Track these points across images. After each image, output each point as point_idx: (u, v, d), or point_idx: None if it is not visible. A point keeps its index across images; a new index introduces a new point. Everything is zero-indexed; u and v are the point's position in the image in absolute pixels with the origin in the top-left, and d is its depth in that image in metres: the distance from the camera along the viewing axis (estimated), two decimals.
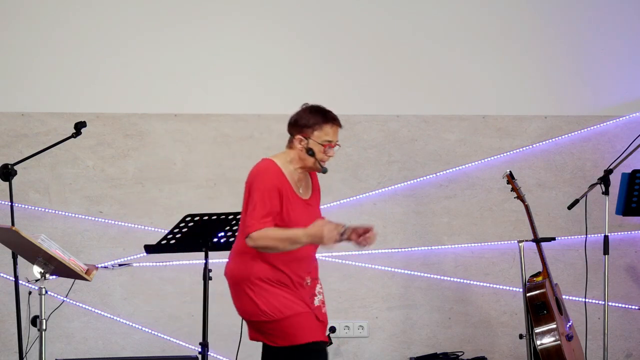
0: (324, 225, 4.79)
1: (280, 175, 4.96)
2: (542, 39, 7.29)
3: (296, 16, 7.13)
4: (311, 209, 5.05)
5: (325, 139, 4.98)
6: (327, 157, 5.00)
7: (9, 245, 5.52)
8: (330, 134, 4.99)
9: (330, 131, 4.99)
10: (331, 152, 4.99)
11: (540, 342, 6.18)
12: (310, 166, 5.03)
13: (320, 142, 4.98)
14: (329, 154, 5.00)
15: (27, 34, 6.96)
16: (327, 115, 5.03)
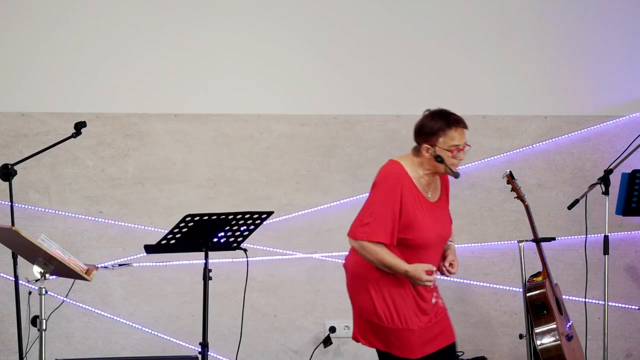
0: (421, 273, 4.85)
1: (404, 176, 4.96)
2: (542, 39, 7.29)
3: (296, 16, 7.13)
4: (438, 211, 5.02)
5: (452, 144, 4.94)
6: (457, 160, 4.96)
7: (9, 245, 5.52)
8: (456, 137, 4.95)
9: (456, 135, 4.95)
10: (461, 156, 4.94)
11: (540, 342, 6.18)
12: (442, 172, 5.00)
13: (447, 148, 4.93)
14: (458, 158, 4.95)
15: (27, 34, 6.96)
16: (449, 119, 4.98)
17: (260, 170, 7.08)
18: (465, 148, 4.97)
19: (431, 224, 4.96)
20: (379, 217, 4.88)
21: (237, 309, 6.70)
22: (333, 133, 7.15)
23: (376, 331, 5.06)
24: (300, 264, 7.09)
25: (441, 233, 5.03)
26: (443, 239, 5.06)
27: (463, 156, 4.97)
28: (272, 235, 6.98)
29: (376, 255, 4.88)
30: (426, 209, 4.97)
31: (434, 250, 5.02)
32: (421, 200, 4.96)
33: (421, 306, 5.01)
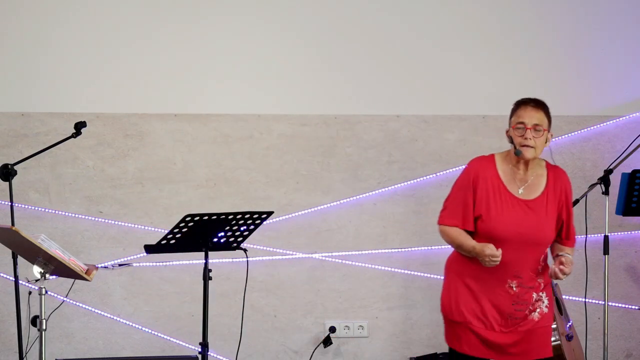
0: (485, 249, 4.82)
1: (485, 167, 4.97)
2: (542, 39, 7.28)
3: (296, 17, 7.13)
4: (529, 209, 4.93)
5: (517, 122, 4.96)
6: (523, 138, 4.91)
7: (9, 245, 5.52)
8: (521, 115, 4.95)
9: (523, 113, 4.96)
10: (527, 134, 4.89)
11: None
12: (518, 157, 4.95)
13: (515, 127, 4.97)
14: (525, 136, 4.90)
15: (27, 34, 6.95)
16: (519, 100, 5.02)
17: (260, 170, 7.08)
18: (532, 128, 4.90)
19: (510, 219, 4.90)
20: (451, 202, 5.03)
21: (237, 309, 6.70)
22: (333, 133, 7.15)
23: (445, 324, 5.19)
24: (300, 264, 7.09)
25: (523, 232, 4.91)
26: (528, 239, 4.92)
27: (529, 135, 4.90)
28: (272, 235, 6.98)
29: (450, 236, 5.03)
30: (508, 202, 4.92)
31: (515, 248, 4.90)
32: (503, 192, 4.94)
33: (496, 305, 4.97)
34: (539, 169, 5.00)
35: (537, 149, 4.93)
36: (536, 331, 4.99)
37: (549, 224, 4.95)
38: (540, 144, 4.93)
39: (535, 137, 4.91)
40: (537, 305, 4.98)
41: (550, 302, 5.05)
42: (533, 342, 5.00)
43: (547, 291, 5.03)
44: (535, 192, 4.94)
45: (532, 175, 4.97)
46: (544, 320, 5.01)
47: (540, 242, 4.95)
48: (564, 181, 5.00)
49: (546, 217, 4.93)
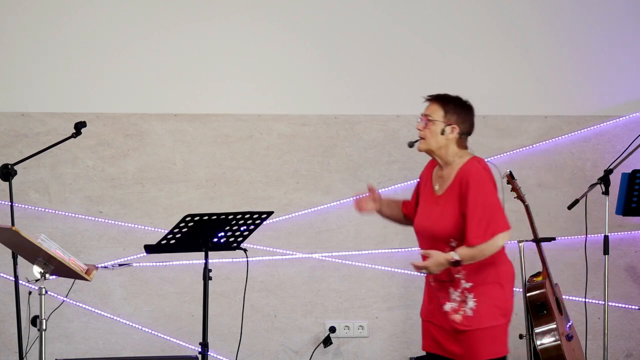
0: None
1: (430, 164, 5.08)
2: (542, 39, 7.29)
3: (296, 17, 7.13)
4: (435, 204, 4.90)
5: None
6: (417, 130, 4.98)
7: (9, 245, 5.52)
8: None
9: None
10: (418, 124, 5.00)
11: (540, 342, 6.18)
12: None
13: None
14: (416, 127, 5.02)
15: (27, 34, 6.96)
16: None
17: (260, 170, 7.08)
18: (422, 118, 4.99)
19: (421, 215, 4.96)
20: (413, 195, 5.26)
21: (237, 309, 6.70)
22: (333, 133, 7.15)
23: None
24: (300, 264, 7.09)
25: (425, 225, 4.93)
26: (427, 234, 4.91)
27: (419, 125, 4.98)
28: (272, 235, 6.98)
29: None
30: (427, 198, 4.98)
31: (425, 242, 4.96)
32: (427, 188, 5.01)
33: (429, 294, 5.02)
34: (456, 165, 4.91)
35: (427, 140, 4.93)
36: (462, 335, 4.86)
37: (446, 219, 4.84)
38: (430, 135, 4.92)
39: (424, 128, 4.92)
40: (461, 306, 4.86)
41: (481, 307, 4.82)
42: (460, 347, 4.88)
43: (476, 293, 4.84)
44: (443, 189, 4.92)
45: (446, 170, 4.94)
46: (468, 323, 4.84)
47: (436, 237, 4.87)
48: (464, 174, 4.82)
49: (443, 212, 4.85)
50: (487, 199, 4.79)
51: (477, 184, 4.78)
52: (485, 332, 4.84)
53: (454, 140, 4.90)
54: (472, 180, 4.78)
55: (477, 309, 4.83)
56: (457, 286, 4.87)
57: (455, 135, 4.89)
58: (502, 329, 4.88)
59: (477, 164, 4.85)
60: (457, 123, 4.91)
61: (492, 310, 4.85)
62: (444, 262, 4.76)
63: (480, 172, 4.81)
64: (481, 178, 4.80)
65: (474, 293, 4.85)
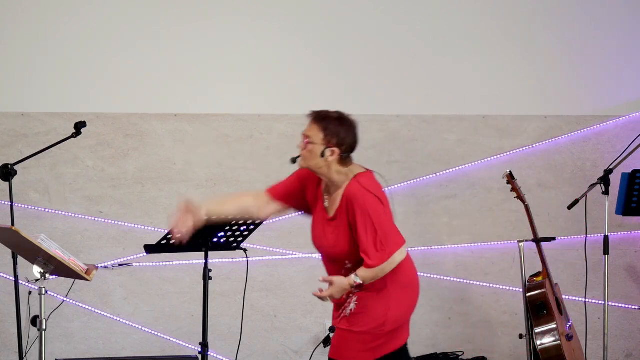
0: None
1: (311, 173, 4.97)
2: (542, 39, 7.29)
3: (296, 17, 7.13)
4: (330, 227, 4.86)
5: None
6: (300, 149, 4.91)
7: (9, 245, 5.52)
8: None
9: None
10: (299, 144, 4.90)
11: (540, 342, 6.18)
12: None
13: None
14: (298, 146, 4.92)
15: (27, 34, 6.96)
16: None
17: (260, 170, 7.07)
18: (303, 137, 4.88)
19: (315, 229, 4.90)
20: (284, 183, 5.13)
21: (237, 309, 6.70)
22: None
23: None
24: (300, 264, 7.09)
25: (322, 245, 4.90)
26: (330, 255, 4.90)
27: (300, 144, 4.88)
28: (272, 235, 6.98)
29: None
30: (318, 214, 4.90)
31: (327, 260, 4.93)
32: (319, 203, 4.92)
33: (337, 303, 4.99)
34: (341, 184, 4.84)
35: (306, 160, 4.86)
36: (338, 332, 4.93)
37: (340, 243, 4.82)
38: (310, 156, 4.84)
39: (303, 148, 4.87)
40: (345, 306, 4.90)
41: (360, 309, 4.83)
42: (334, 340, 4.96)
43: (360, 297, 4.83)
44: (333, 209, 4.86)
45: (333, 189, 4.87)
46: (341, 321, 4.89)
47: (333, 259, 4.90)
48: (349, 199, 4.75)
49: (336, 236, 4.83)
50: (375, 221, 4.74)
51: (363, 208, 4.73)
52: (352, 335, 4.86)
53: (336, 161, 4.83)
54: (357, 206, 4.74)
55: (354, 312, 4.86)
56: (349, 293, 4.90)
57: (335, 157, 4.82)
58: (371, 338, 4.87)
59: (358, 186, 4.79)
60: (337, 145, 4.81)
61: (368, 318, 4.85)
62: (347, 287, 4.77)
63: (364, 195, 4.76)
64: (365, 201, 4.75)
65: (358, 297, 4.85)
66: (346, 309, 4.88)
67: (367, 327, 4.84)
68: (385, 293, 4.85)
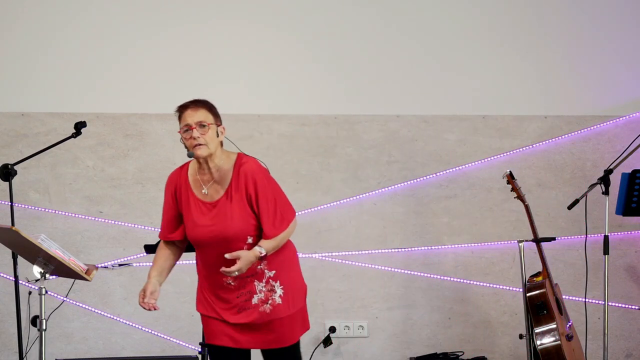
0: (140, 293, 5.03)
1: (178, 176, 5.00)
2: (542, 39, 7.29)
3: (296, 17, 7.13)
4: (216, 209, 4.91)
5: (182, 126, 4.93)
6: (191, 139, 4.89)
7: (9, 245, 5.51)
8: (184, 119, 4.93)
9: (184, 116, 4.93)
10: (193, 134, 4.88)
11: (540, 342, 6.18)
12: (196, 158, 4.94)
13: (182, 132, 4.94)
14: (191, 136, 4.89)
15: (27, 34, 6.96)
16: (179, 106, 5.00)
17: None
18: (196, 127, 4.89)
19: (199, 223, 4.92)
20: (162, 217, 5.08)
21: None
22: (333, 133, 7.15)
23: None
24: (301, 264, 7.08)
25: (213, 234, 4.90)
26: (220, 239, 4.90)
27: (195, 134, 4.88)
28: None
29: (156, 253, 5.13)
30: (197, 207, 4.94)
31: (215, 248, 4.91)
32: (192, 198, 4.96)
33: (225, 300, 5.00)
34: (226, 165, 4.96)
35: (208, 145, 4.92)
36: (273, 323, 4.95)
37: (233, 222, 4.88)
38: (210, 139, 4.92)
39: (203, 134, 4.91)
40: (269, 296, 4.94)
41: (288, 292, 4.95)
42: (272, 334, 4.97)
43: (281, 281, 4.95)
44: (219, 192, 4.93)
45: (217, 173, 4.95)
46: (277, 312, 4.94)
47: (230, 238, 4.90)
48: (247, 174, 4.90)
49: (231, 215, 4.88)
50: (275, 193, 4.95)
51: (263, 181, 4.91)
52: (293, 317, 4.98)
53: (220, 142, 4.99)
54: (258, 178, 4.90)
55: (285, 295, 4.95)
56: (262, 277, 4.95)
57: (222, 136, 5.00)
58: (305, 309, 5.06)
59: (252, 162, 4.97)
60: (221, 124, 5.03)
61: (297, 295, 5.01)
62: (253, 259, 4.83)
63: (261, 169, 4.95)
64: (264, 174, 4.94)
65: (279, 280, 4.95)
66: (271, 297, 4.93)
67: (302, 303, 5.02)
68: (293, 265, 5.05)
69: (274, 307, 4.94)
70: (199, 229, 4.91)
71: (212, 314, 5.01)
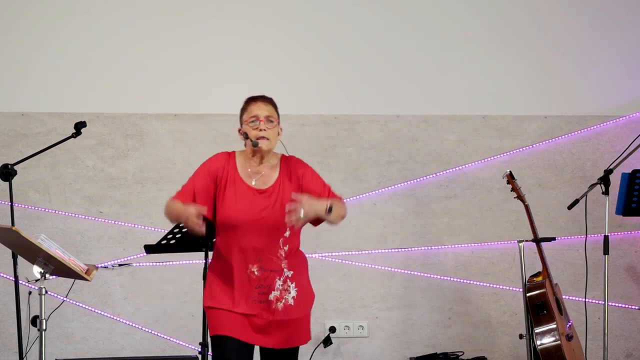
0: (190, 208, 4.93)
1: (224, 160, 5.09)
2: (542, 39, 7.29)
3: (296, 17, 7.13)
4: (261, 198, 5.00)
5: (250, 116, 5.02)
6: (259, 130, 5.00)
7: (9, 245, 5.51)
8: (253, 110, 5.03)
9: (254, 108, 5.04)
10: (260, 125, 4.99)
11: (540, 342, 6.18)
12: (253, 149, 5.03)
13: (248, 122, 5.02)
14: (260, 128, 5.00)
15: (27, 35, 6.96)
16: (248, 98, 5.10)
17: None
18: (264, 120, 5.00)
19: (242, 207, 5.00)
20: (187, 184, 5.20)
21: None
22: (333, 133, 7.15)
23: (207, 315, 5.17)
24: None
25: (255, 218, 4.98)
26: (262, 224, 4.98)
27: (263, 127, 5.00)
28: None
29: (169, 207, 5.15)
30: (242, 192, 5.03)
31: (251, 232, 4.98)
32: (239, 183, 5.05)
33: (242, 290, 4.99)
34: (273, 161, 5.10)
35: (271, 140, 5.05)
36: (284, 323, 4.98)
37: (281, 210, 4.98)
38: (273, 136, 5.05)
39: (269, 129, 5.03)
40: (283, 295, 4.99)
41: (301, 295, 5.00)
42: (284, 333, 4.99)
43: (297, 282, 5.02)
44: (269, 183, 5.06)
45: (265, 167, 5.08)
46: (289, 312, 4.99)
47: (276, 226, 5.00)
48: (297, 164, 5.11)
49: (281, 202, 5.00)
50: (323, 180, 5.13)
51: (311, 169, 5.12)
52: (301, 321, 5.04)
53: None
54: (307, 168, 5.11)
55: (297, 298, 5.01)
56: (282, 275, 5.00)
57: (280, 137, 5.14)
58: (310, 317, 5.09)
59: (294, 158, 5.16)
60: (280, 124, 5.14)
61: (308, 300, 5.08)
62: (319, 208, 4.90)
63: (304, 162, 5.15)
64: (309, 165, 5.14)
65: (295, 282, 5.02)
66: (284, 297, 4.97)
67: (309, 310, 5.09)
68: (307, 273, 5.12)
69: (286, 307, 4.98)
70: (243, 212, 4.97)
71: (225, 305, 5.00)
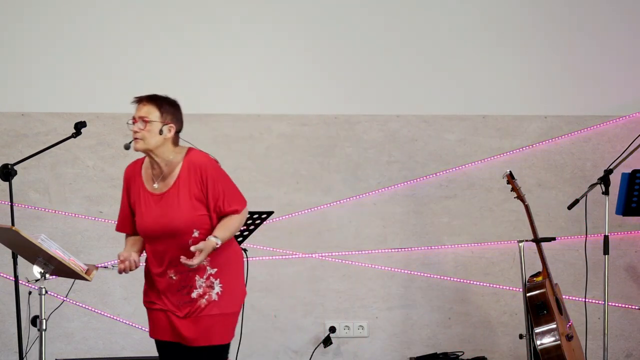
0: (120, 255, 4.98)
1: (131, 170, 5.08)
2: (542, 39, 7.29)
3: (296, 17, 7.13)
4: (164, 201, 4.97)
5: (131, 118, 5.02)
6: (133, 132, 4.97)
7: (9, 245, 5.51)
8: (135, 112, 5.00)
9: (135, 109, 5.01)
10: (133, 127, 4.96)
11: (540, 342, 6.18)
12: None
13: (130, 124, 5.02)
14: (132, 129, 4.97)
15: (27, 35, 6.96)
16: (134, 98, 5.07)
17: (260, 170, 7.08)
18: (137, 120, 4.95)
19: (148, 216, 4.98)
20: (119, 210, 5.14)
21: None
22: (333, 133, 7.15)
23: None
24: (300, 264, 7.09)
25: (158, 226, 4.96)
26: (164, 231, 4.95)
27: (135, 127, 4.95)
28: (272, 235, 6.98)
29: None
30: (146, 200, 5.00)
31: (162, 241, 4.96)
32: (143, 191, 5.03)
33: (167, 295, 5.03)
34: (174, 160, 5.01)
35: (145, 140, 4.98)
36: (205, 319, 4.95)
37: (181, 214, 4.94)
38: (150, 135, 4.96)
39: (142, 129, 4.97)
40: (206, 291, 4.97)
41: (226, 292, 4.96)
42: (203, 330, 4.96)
43: (222, 279, 4.97)
44: (170, 183, 5.01)
45: (166, 167, 5.01)
46: (211, 308, 4.95)
47: (175, 232, 4.95)
48: (195, 165, 4.98)
49: (178, 207, 4.95)
50: (224, 182, 5.01)
51: (211, 171, 4.99)
52: (224, 318, 4.99)
53: (170, 139, 5.00)
54: (209, 169, 4.98)
55: (222, 294, 4.97)
56: (203, 273, 4.97)
57: (172, 134, 5.00)
58: (236, 317, 5.05)
59: (200, 154, 5.03)
60: (172, 122, 5.01)
61: (235, 297, 5.02)
62: (211, 250, 4.88)
63: (209, 160, 5.02)
64: (213, 165, 5.01)
65: (219, 278, 4.98)
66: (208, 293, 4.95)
67: (237, 308, 5.01)
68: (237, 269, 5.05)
69: (209, 303, 4.95)
70: (147, 221, 4.96)
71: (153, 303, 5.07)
